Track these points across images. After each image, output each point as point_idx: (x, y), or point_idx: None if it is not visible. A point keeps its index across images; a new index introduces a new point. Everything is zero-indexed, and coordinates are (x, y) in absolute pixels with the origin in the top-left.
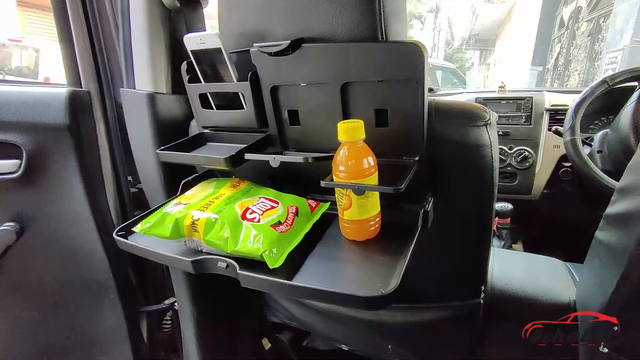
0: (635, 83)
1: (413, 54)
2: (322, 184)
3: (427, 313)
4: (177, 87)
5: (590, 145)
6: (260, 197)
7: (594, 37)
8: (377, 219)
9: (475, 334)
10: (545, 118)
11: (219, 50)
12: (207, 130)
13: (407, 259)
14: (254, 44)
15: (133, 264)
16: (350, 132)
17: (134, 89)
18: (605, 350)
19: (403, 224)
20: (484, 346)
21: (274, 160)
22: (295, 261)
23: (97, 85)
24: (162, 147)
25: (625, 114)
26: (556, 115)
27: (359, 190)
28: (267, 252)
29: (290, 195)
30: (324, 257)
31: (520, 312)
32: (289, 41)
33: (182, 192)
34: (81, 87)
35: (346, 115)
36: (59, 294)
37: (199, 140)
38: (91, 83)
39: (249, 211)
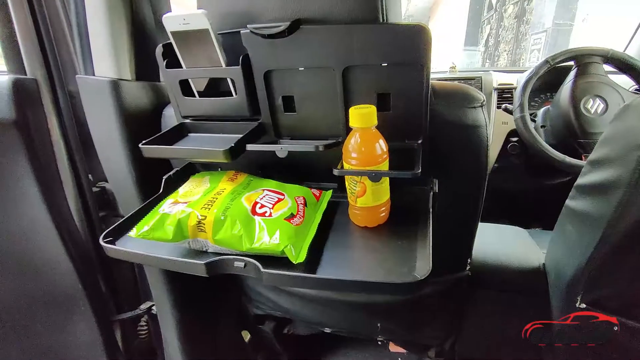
0: (572, 62)
1: (419, 36)
2: (335, 172)
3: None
4: (142, 73)
5: (535, 121)
6: (264, 190)
7: (520, 19)
8: (388, 205)
9: (459, 305)
10: (494, 97)
11: (204, 31)
12: (188, 120)
13: (431, 242)
14: (248, 25)
15: (101, 271)
16: (364, 118)
17: (93, 75)
18: (583, 305)
19: (408, 207)
20: (465, 314)
21: (281, 150)
22: (312, 252)
23: (45, 72)
24: (145, 141)
25: (565, 91)
26: (503, 94)
27: (376, 177)
28: (288, 247)
29: (292, 185)
30: (340, 246)
31: (497, 279)
32: (289, 22)
33: (166, 189)
34: (26, 75)
35: (347, 100)
36: (20, 314)
37: (181, 132)
38: (38, 70)
39: (258, 205)
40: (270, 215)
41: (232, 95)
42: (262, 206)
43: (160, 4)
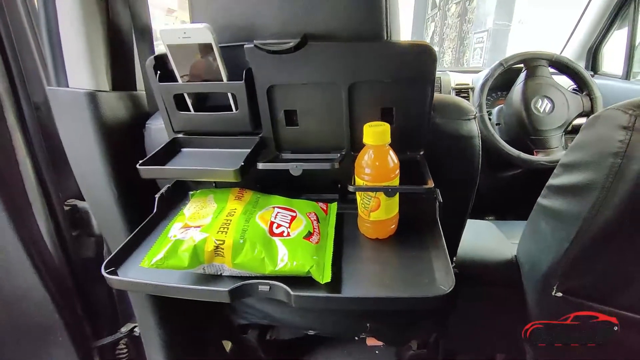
0: (522, 65)
1: (425, 54)
2: (351, 188)
3: None
4: (119, 82)
5: (490, 119)
6: (274, 207)
7: (462, 18)
8: (397, 217)
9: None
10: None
11: (206, 45)
12: (180, 135)
13: (447, 253)
14: (255, 41)
15: (77, 296)
16: (379, 135)
17: (67, 86)
18: (559, 294)
19: (414, 218)
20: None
21: (296, 168)
22: (333, 269)
23: (7, 84)
24: (141, 161)
25: (517, 92)
26: (460, 94)
27: (392, 193)
28: (313, 268)
29: (299, 200)
30: (357, 260)
31: (475, 273)
32: (298, 39)
33: (160, 208)
34: None
35: (352, 115)
36: None
37: (173, 147)
38: (0, 82)
39: (275, 225)
40: (288, 235)
41: (225, 109)
42: (279, 226)
43: (139, 9)
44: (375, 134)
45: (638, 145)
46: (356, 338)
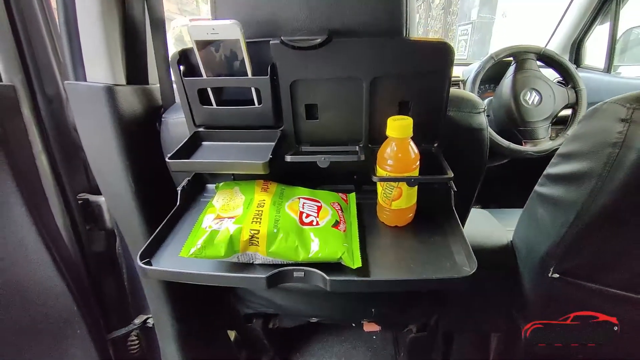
0: (511, 58)
1: (443, 51)
2: (375, 179)
3: None
4: (133, 76)
5: None
6: (299, 198)
7: (446, 10)
8: (415, 205)
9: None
10: None
11: (234, 41)
12: (202, 129)
13: (466, 238)
14: (282, 37)
15: (93, 289)
16: (403, 129)
17: (85, 80)
18: (556, 275)
19: (429, 206)
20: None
21: (324, 160)
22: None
23: (23, 78)
24: (169, 155)
25: (506, 85)
26: (452, 86)
27: (414, 182)
28: (345, 254)
29: (321, 191)
30: (381, 246)
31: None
32: (325, 36)
33: (183, 200)
34: (1, 81)
35: (371, 108)
36: (10, 346)
37: (196, 141)
38: (16, 75)
39: (304, 215)
40: (317, 224)
41: (244, 103)
42: (308, 215)
43: (154, 2)
44: (400, 127)
45: (635, 137)
46: (353, 325)
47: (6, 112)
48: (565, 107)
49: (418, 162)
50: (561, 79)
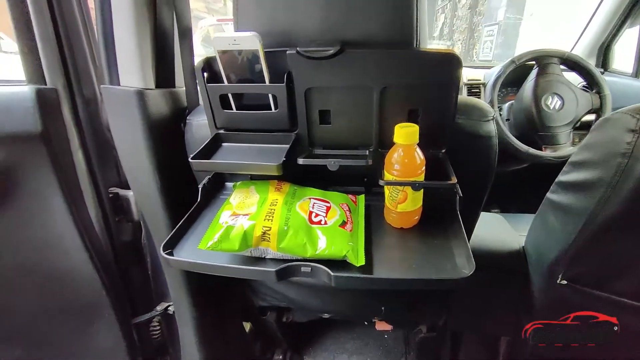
0: (534, 62)
1: (452, 62)
2: (381, 182)
3: None
4: (162, 80)
5: (500, 115)
6: (310, 198)
7: (473, 10)
8: (421, 209)
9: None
10: (464, 92)
11: (254, 52)
12: (222, 131)
13: (467, 242)
14: (298, 48)
15: (120, 276)
16: (409, 136)
17: (119, 85)
18: (564, 282)
19: (435, 209)
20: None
21: (333, 164)
22: (365, 254)
23: (64, 81)
24: (192, 155)
25: (527, 89)
26: (472, 89)
27: (419, 187)
28: (349, 252)
29: (332, 192)
30: (385, 246)
31: (484, 260)
32: (338, 47)
33: (204, 197)
34: (45, 84)
35: (381, 115)
36: (45, 325)
37: (217, 143)
38: (58, 79)
39: (313, 214)
40: (325, 223)
41: (261, 107)
42: (317, 215)
43: (182, 10)
44: (406, 134)
45: None
46: (365, 323)
47: (49, 112)
48: (589, 112)
49: (424, 168)
50: (586, 84)
